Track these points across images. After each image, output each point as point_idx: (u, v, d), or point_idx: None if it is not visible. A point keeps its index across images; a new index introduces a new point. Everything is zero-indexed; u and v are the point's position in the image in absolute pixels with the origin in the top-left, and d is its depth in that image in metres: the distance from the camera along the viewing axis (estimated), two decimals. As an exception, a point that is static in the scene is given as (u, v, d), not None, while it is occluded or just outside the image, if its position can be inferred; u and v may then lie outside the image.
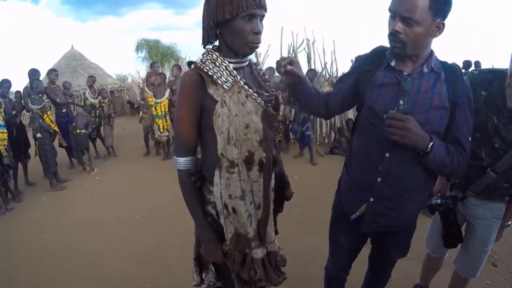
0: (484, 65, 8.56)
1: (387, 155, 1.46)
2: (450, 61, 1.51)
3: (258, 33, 1.25)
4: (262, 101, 1.32)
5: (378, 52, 1.56)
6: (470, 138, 1.50)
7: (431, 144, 1.36)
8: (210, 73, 1.28)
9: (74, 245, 3.63)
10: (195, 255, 1.58)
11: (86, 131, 6.19)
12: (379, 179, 1.50)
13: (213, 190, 1.36)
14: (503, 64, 1.77)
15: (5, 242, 3.87)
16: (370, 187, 1.54)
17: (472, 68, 8.48)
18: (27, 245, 3.71)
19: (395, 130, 1.32)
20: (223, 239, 1.43)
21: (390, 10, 1.34)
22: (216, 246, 1.42)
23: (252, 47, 1.28)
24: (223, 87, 1.28)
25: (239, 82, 1.30)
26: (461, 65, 8.67)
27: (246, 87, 1.30)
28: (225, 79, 1.29)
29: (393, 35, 1.34)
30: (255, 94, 1.31)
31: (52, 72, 6.44)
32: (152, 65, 8.22)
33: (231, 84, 1.29)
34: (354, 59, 1.67)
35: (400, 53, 1.39)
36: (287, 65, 1.41)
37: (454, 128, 1.45)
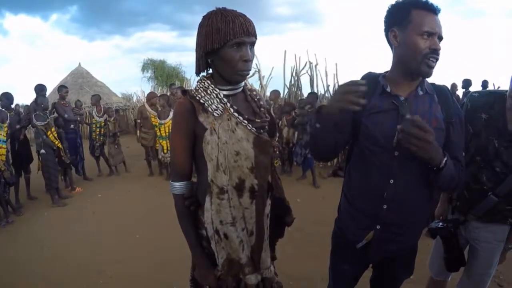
0: (489, 85, 8.60)
1: (392, 181, 1.45)
2: (452, 81, 1.54)
3: (247, 60, 1.27)
4: (254, 128, 1.33)
5: (369, 79, 1.54)
6: (463, 153, 1.52)
7: (445, 159, 1.35)
8: (201, 101, 1.31)
9: (73, 263, 3.60)
10: (191, 277, 1.57)
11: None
12: (385, 206, 1.48)
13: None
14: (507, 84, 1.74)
15: (4, 256, 3.86)
16: (376, 215, 1.51)
17: (472, 87, 8.49)
18: (26, 261, 3.70)
19: (415, 141, 1.26)
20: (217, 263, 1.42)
21: (427, 32, 1.34)
22: (209, 270, 1.42)
23: (242, 74, 1.30)
24: (213, 114, 1.30)
25: (229, 109, 1.31)
26: (460, 84, 8.70)
27: (236, 114, 1.31)
28: (216, 106, 1.31)
29: (436, 53, 1.36)
30: (245, 122, 1.32)
31: (62, 88, 6.53)
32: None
33: (221, 111, 1.30)
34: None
35: (432, 72, 1.40)
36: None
37: (450, 146, 1.46)
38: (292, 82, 8.30)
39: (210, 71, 1.39)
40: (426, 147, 1.27)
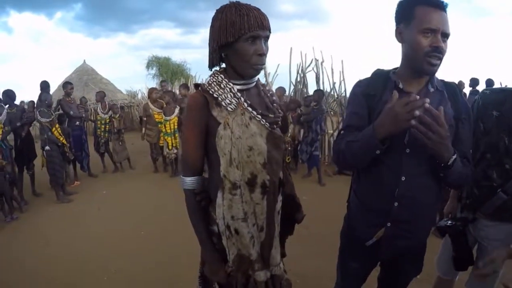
0: (496, 83, 8.50)
1: (403, 178, 1.44)
2: (457, 79, 1.51)
3: (262, 54, 1.26)
4: (267, 123, 1.32)
5: (380, 76, 1.54)
6: (472, 150, 1.52)
7: (454, 157, 1.33)
8: (215, 95, 1.30)
9: (78, 259, 3.60)
10: (200, 274, 1.56)
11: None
12: (396, 204, 1.47)
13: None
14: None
15: (9, 251, 3.87)
16: (386, 212, 1.50)
17: (480, 85, 8.42)
18: (30, 257, 3.70)
19: (430, 135, 1.24)
20: (227, 259, 1.41)
21: (428, 29, 1.32)
22: (219, 266, 1.41)
23: (257, 68, 1.29)
24: (227, 109, 1.28)
25: (243, 104, 1.30)
26: (467, 83, 8.64)
27: (250, 109, 1.30)
28: (229, 101, 1.29)
29: (438, 51, 1.33)
30: (259, 116, 1.31)
31: (67, 85, 6.47)
32: (161, 83, 8.31)
33: (235, 106, 1.29)
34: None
35: (435, 69, 1.38)
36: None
37: (459, 143, 1.44)
38: (298, 79, 8.25)
39: (223, 65, 1.37)
40: (439, 141, 1.25)
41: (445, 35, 1.35)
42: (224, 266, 1.40)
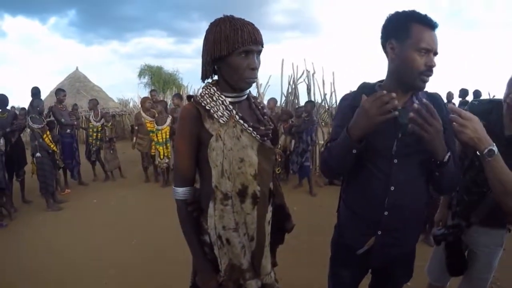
0: (484, 93, 8.65)
1: (392, 188, 1.48)
2: (447, 89, 1.55)
3: (254, 68, 1.29)
4: (258, 135, 1.35)
5: (365, 89, 1.57)
6: (459, 158, 1.56)
7: (449, 153, 1.38)
8: (207, 108, 1.32)
9: (68, 268, 3.57)
10: (192, 283, 1.57)
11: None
12: (386, 213, 1.51)
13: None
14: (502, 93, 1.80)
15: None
16: (377, 221, 1.54)
17: (469, 96, 8.54)
18: (18, 266, 3.65)
19: (427, 127, 1.29)
20: (219, 269, 1.42)
21: (424, 48, 1.37)
22: (211, 276, 1.42)
23: (249, 82, 1.32)
24: (219, 121, 1.31)
25: (235, 116, 1.32)
26: (457, 94, 8.78)
27: (241, 121, 1.33)
28: (221, 113, 1.32)
29: (431, 70, 1.39)
30: (250, 129, 1.33)
31: (60, 92, 6.44)
32: (150, 92, 8.32)
33: (227, 118, 1.32)
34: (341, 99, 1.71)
35: (425, 85, 1.44)
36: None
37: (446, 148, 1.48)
38: (290, 90, 8.32)
39: (215, 77, 1.40)
40: (435, 134, 1.30)
41: (436, 54, 1.41)
42: (216, 276, 1.41)
